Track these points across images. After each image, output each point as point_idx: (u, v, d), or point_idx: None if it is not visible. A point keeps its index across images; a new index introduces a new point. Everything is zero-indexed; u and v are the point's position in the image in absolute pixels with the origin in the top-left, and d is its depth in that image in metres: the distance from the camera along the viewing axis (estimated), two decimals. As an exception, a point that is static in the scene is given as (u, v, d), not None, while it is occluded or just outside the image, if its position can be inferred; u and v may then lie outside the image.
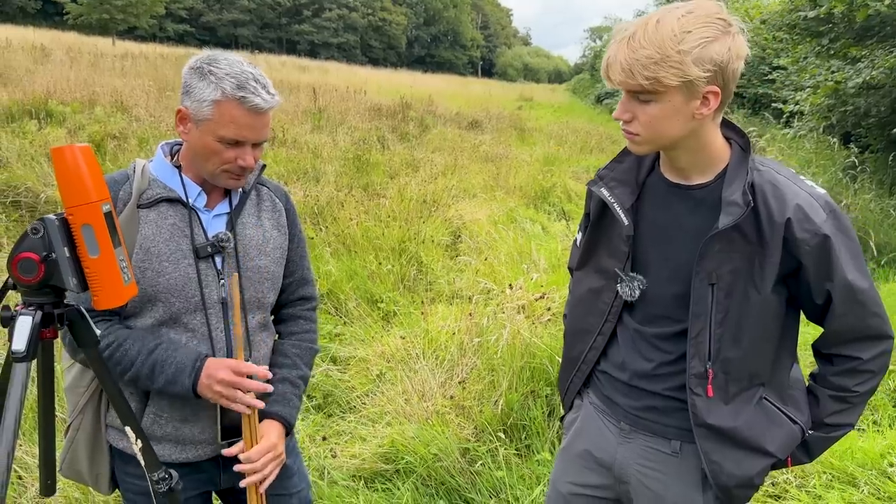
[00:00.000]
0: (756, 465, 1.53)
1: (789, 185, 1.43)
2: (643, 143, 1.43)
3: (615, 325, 1.65)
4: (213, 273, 1.64)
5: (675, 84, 1.30)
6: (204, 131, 1.54)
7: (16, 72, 14.36)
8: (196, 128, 1.55)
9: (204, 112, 1.52)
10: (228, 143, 1.54)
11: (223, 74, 1.50)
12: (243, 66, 1.54)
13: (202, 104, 1.52)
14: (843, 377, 1.52)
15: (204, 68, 1.52)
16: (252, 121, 1.53)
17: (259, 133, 1.56)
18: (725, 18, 1.33)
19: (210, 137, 1.54)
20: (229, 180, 1.62)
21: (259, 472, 1.63)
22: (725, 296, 1.45)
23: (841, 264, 1.41)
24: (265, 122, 1.57)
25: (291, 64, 33.70)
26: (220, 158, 1.56)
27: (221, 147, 1.54)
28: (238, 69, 1.52)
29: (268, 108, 1.54)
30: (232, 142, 1.54)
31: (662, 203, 1.54)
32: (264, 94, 1.52)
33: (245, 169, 1.59)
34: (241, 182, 1.64)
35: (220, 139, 1.53)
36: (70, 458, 1.70)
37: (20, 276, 1.19)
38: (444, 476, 3.09)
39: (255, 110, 1.52)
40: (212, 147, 1.55)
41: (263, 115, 1.55)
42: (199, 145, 1.56)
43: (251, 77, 1.52)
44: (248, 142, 1.56)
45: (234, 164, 1.57)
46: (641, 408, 1.62)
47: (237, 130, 1.53)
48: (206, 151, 1.56)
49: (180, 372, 1.54)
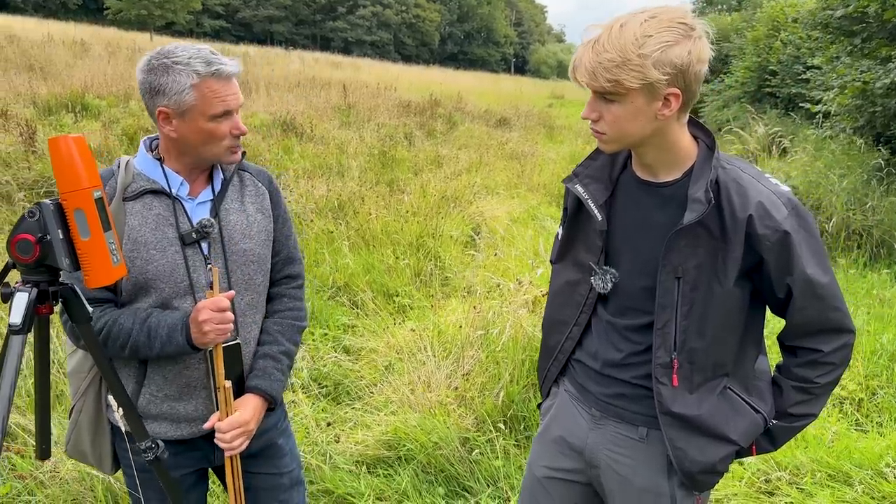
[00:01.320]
0: (719, 451, 1.59)
1: (753, 182, 1.47)
2: (610, 141, 1.49)
3: (590, 316, 1.71)
4: (199, 259, 1.72)
5: (636, 86, 1.36)
6: (193, 118, 1.61)
7: (55, 66, 14.79)
8: (183, 120, 1.62)
9: (186, 101, 1.59)
10: (220, 118, 1.63)
11: (187, 59, 1.58)
12: (196, 46, 1.64)
13: (182, 94, 1.59)
14: (806, 369, 1.57)
15: (165, 63, 1.59)
16: (230, 88, 1.63)
17: (238, 97, 1.66)
18: (688, 23, 1.38)
19: (202, 121, 1.61)
20: (233, 154, 1.71)
21: (227, 443, 1.70)
22: (691, 289, 1.50)
23: (801, 259, 1.45)
24: (237, 87, 1.67)
25: (325, 60, 34.04)
26: (218, 136, 1.65)
27: (215, 125, 1.63)
28: (194, 50, 1.61)
29: (234, 71, 1.64)
30: (222, 115, 1.63)
31: (633, 199, 1.60)
32: (226, 61, 1.62)
33: (242, 134, 1.69)
34: (239, 152, 1.74)
35: (211, 117, 1.62)
36: (74, 439, 1.81)
37: (18, 255, 1.30)
38: (444, 464, 3.17)
39: (227, 77, 1.62)
40: (207, 129, 1.62)
41: (233, 80, 1.65)
42: (194, 133, 1.64)
43: (208, 51, 1.62)
44: (234, 109, 1.65)
45: (230, 137, 1.66)
46: (611, 395, 1.68)
47: (223, 102, 1.61)
48: (204, 136, 1.64)
49: (173, 330, 1.62)
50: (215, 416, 1.72)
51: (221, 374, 1.68)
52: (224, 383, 1.68)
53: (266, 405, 1.81)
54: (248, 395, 1.78)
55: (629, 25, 1.35)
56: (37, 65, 14.32)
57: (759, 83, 16.92)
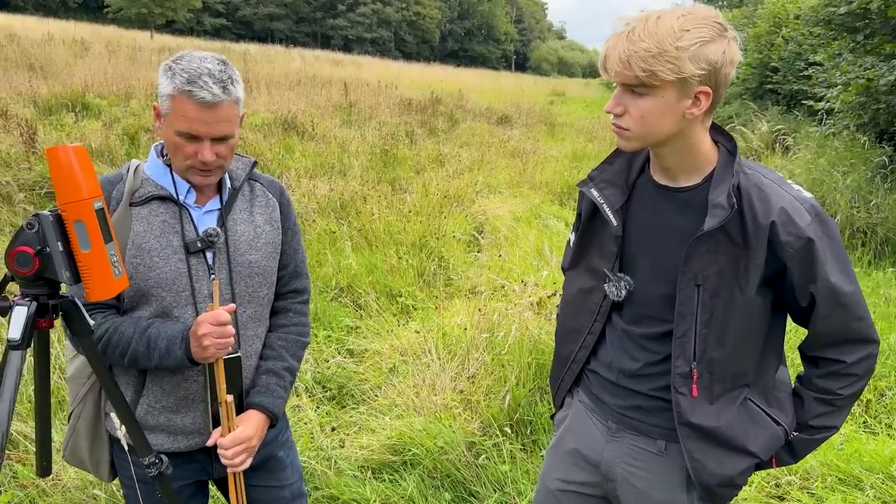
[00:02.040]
0: (738, 464, 1.54)
1: (775, 188, 1.43)
2: (632, 138, 1.44)
3: (604, 324, 1.67)
4: (203, 268, 1.68)
5: (670, 79, 1.32)
6: (167, 125, 1.58)
7: (56, 65, 14.73)
8: (164, 123, 1.60)
9: (165, 107, 1.57)
10: (185, 136, 1.56)
11: (179, 70, 1.53)
12: (204, 63, 1.55)
13: (163, 99, 1.57)
14: (828, 380, 1.53)
15: (170, 65, 1.57)
16: (203, 115, 1.53)
17: (212, 128, 1.55)
18: (722, 23, 1.35)
19: (171, 131, 1.57)
20: (195, 176, 1.64)
21: (229, 460, 1.67)
22: (711, 297, 1.46)
23: (825, 267, 1.41)
24: (219, 118, 1.55)
25: (325, 58, 33.95)
26: (182, 153, 1.59)
27: (181, 141, 1.57)
28: (196, 65, 1.53)
29: (215, 102, 1.52)
30: (186, 135, 1.56)
31: (650, 205, 1.56)
32: (215, 89, 1.52)
33: (206, 164, 1.59)
34: (209, 179, 1.65)
35: (177, 132, 1.56)
36: (72, 444, 1.77)
37: (16, 268, 1.25)
38: (450, 469, 3.13)
39: (203, 104, 1.52)
40: (173, 141, 1.58)
41: (214, 109, 1.54)
42: (166, 139, 1.62)
43: (206, 73, 1.53)
44: (201, 136, 1.56)
45: (195, 160, 1.59)
46: (628, 407, 1.64)
47: (188, 124, 1.54)
48: (171, 146, 1.61)
49: (172, 343, 1.58)
50: (217, 432, 1.68)
51: (223, 389, 1.64)
52: (226, 398, 1.64)
53: (268, 422, 1.77)
54: (251, 411, 1.74)
55: (666, 18, 1.32)
56: (37, 64, 14.25)
57: (761, 80, 16.88)
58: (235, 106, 1.60)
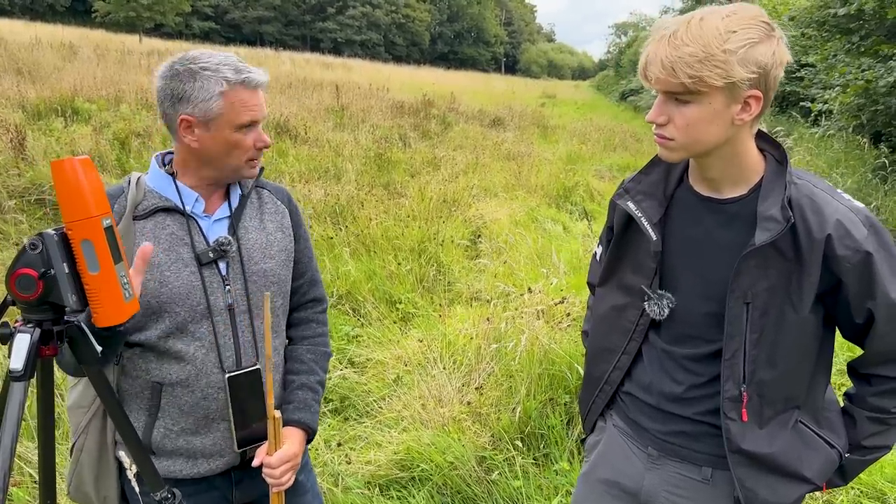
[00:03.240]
0: (793, 492, 1.46)
1: (828, 199, 1.34)
2: (677, 148, 1.35)
3: (640, 344, 1.58)
4: (217, 279, 1.60)
5: (719, 85, 1.24)
6: (219, 128, 1.51)
7: (44, 69, 14.52)
8: (207, 130, 1.51)
9: (213, 109, 1.49)
10: (245, 129, 1.53)
11: (216, 65, 1.49)
12: (220, 55, 1.54)
13: (209, 102, 1.49)
14: (882, 398, 1.45)
15: (192, 68, 1.49)
16: (257, 98, 1.54)
17: (263, 109, 1.57)
18: (769, 23, 1.26)
19: (228, 131, 1.52)
20: (251, 169, 1.62)
21: (276, 479, 1.61)
22: (761, 315, 1.37)
23: (884, 282, 1.33)
24: (263, 98, 1.58)
25: (315, 61, 33.79)
26: (241, 149, 1.55)
27: (241, 136, 1.53)
28: (222, 57, 1.52)
29: (262, 81, 1.55)
30: (248, 126, 1.54)
31: (693, 217, 1.47)
32: (255, 71, 1.54)
33: (267, 145, 1.60)
34: (258, 166, 1.64)
35: (238, 127, 1.52)
36: (76, 480, 1.66)
37: (18, 292, 1.15)
38: (460, 485, 3.03)
39: (256, 86, 1.53)
40: (232, 140, 1.53)
41: (260, 90, 1.56)
42: (218, 145, 1.53)
43: (236, 59, 1.53)
44: (259, 120, 1.56)
45: (253, 150, 1.57)
46: (670, 433, 1.54)
47: (251, 112, 1.53)
48: (228, 147, 1.54)
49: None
50: (263, 450, 1.62)
51: (272, 405, 1.58)
52: (274, 413, 1.59)
53: (306, 438, 1.73)
54: (291, 427, 1.70)
55: (710, 19, 1.23)
56: (25, 68, 14.04)
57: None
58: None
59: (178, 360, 1.57)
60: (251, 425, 1.65)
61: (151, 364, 1.58)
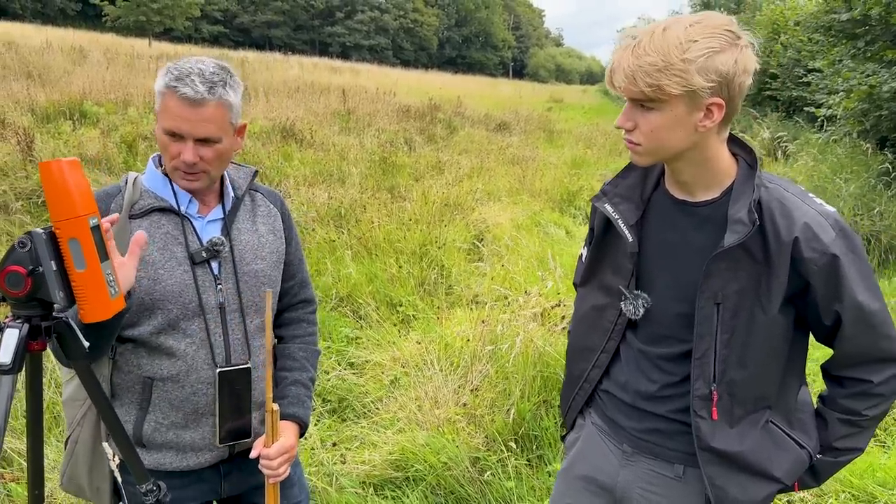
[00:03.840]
0: (761, 490, 1.49)
1: (798, 202, 1.38)
2: (645, 153, 1.39)
3: (619, 343, 1.61)
4: (210, 278, 1.65)
5: (678, 93, 1.27)
6: (158, 124, 1.58)
7: (54, 73, 14.67)
8: (157, 123, 1.59)
9: (157, 105, 1.57)
10: (170, 135, 1.55)
11: (173, 68, 1.54)
12: (198, 64, 1.54)
13: (157, 97, 1.57)
14: (853, 400, 1.47)
15: (168, 66, 1.57)
16: (186, 112, 1.51)
17: (194, 126, 1.53)
18: (734, 31, 1.29)
19: (159, 129, 1.57)
20: (181, 179, 1.62)
21: (273, 470, 1.66)
22: (731, 316, 1.40)
23: (850, 285, 1.35)
24: (203, 117, 1.53)
25: (323, 66, 33.92)
26: (168, 153, 1.58)
27: (167, 140, 1.56)
28: (189, 65, 1.53)
29: (197, 99, 1.50)
30: (171, 133, 1.55)
31: (667, 220, 1.50)
32: (199, 87, 1.50)
33: (190, 166, 1.56)
34: (194, 183, 1.62)
35: (163, 130, 1.56)
36: (70, 471, 1.71)
37: (7, 289, 1.19)
38: (454, 485, 3.06)
39: (186, 100, 1.50)
40: (161, 140, 1.58)
41: (198, 108, 1.51)
42: (157, 139, 1.60)
43: (196, 72, 1.52)
44: (185, 135, 1.54)
45: (179, 160, 1.57)
46: (644, 430, 1.58)
47: (172, 121, 1.53)
48: (161, 145, 1.59)
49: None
50: (260, 442, 1.67)
51: (270, 398, 1.64)
52: (273, 406, 1.64)
53: (300, 431, 1.79)
54: (286, 422, 1.74)
55: (672, 29, 1.26)
56: (35, 72, 14.20)
57: (760, 86, 16.87)
58: (223, 109, 1.56)
59: (169, 356, 1.62)
60: (235, 420, 1.70)
61: (143, 359, 1.63)
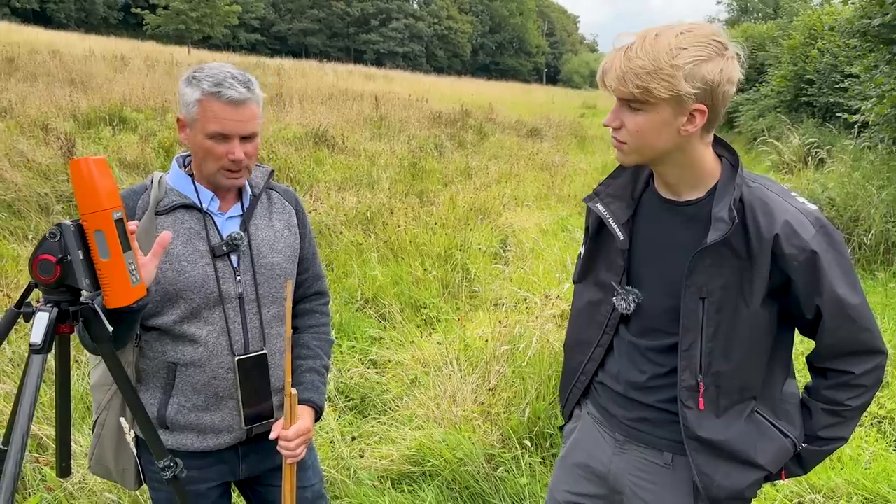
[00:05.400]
0: (746, 477, 1.54)
1: (779, 201, 1.43)
2: (630, 152, 1.46)
3: (612, 337, 1.68)
4: (229, 270, 1.76)
5: (664, 96, 1.34)
6: (196, 131, 1.67)
7: (96, 80, 15.15)
8: (191, 131, 1.68)
9: (192, 113, 1.65)
10: (216, 138, 1.65)
11: (203, 76, 1.64)
12: (225, 69, 1.66)
13: (189, 107, 1.65)
14: (836, 391, 1.52)
15: (191, 75, 1.66)
16: (232, 114, 1.63)
17: (241, 125, 1.65)
18: (722, 42, 1.36)
19: (201, 136, 1.66)
20: (227, 179, 1.72)
21: (292, 451, 1.76)
22: (716, 310, 1.46)
23: (830, 280, 1.41)
24: (247, 116, 1.66)
25: (358, 73, 34.33)
26: (213, 156, 1.67)
27: (212, 144, 1.65)
28: (218, 71, 1.65)
29: (242, 99, 1.63)
30: (218, 136, 1.64)
31: (656, 218, 1.57)
32: (240, 88, 1.63)
33: (237, 163, 1.68)
34: (239, 180, 1.74)
35: (208, 135, 1.65)
36: (97, 454, 1.83)
37: (39, 275, 1.31)
38: (469, 481, 3.14)
39: (231, 102, 1.62)
40: (205, 146, 1.67)
41: (241, 107, 1.64)
42: (196, 146, 1.69)
43: (229, 76, 1.64)
44: (232, 134, 1.65)
45: (227, 160, 1.67)
46: (635, 419, 1.64)
47: (220, 124, 1.63)
48: (202, 151, 1.68)
49: None
50: (279, 425, 1.76)
51: (289, 383, 1.73)
52: (291, 390, 1.73)
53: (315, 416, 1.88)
54: (302, 406, 1.84)
55: (664, 36, 1.33)
56: (78, 79, 14.68)
57: (796, 92, 16.65)
58: (257, 107, 1.70)
59: (191, 342, 1.74)
60: (257, 404, 1.81)
61: (167, 346, 1.75)
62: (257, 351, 1.79)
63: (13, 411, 1.31)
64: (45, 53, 18.02)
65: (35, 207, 6.48)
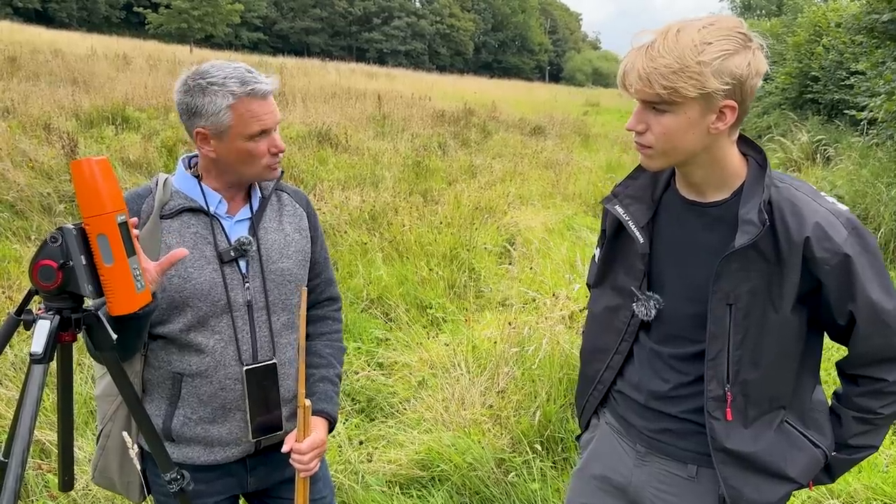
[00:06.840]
0: (777, 490, 1.48)
1: (809, 202, 1.37)
2: (656, 156, 1.39)
3: (632, 344, 1.62)
4: (238, 277, 1.69)
5: (693, 95, 1.27)
6: (232, 139, 1.59)
7: (98, 79, 15.11)
8: (221, 141, 1.60)
9: (223, 122, 1.57)
10: (258, 137, 1.60)
11: (222, 79, 1.55)
12: (233, 65, 1.60)
13: (218, 115, 1.56)
14: (868, 398, 1.46)
15: (201, 84, 1.56)
16: (266, 107, 1.60)
17: (275, 115, 1.63)
18: (746, 33, 1.29)
19: (241, 141, 1.59)
20: (273, 171, 1.69)
21: (305, 464, 1.70)
22: (744, 316, 1.40)
23: (864, 284, 1.35)
24: (274, 104, 1.64)
25: (360, 71, 34.25)
26: (257, 156, 1.62)
27: (254, 145, 1.60)
28: (230, 69, 1.58)
29: (270, 90, 1.60)
30: (259, 133, 1.60)
31: (678, 221, 1.51)
32: (263, 78, 1.60)
33: (282, 149, 1.66)
34: (280, 168, 1.72)
35: (250, 137, 1.59)
36: (101, 465, 1.76)
37: (40, 282, 1.26)
38: (479, 486, 3.08)
39: (264, 96, 1.59)
40: (246, 149, 1.60)
41: (270, 97, 1.62)
42: (232, 154, 1.61)
43: (245, 70, 1.58)
44: (271, 127, 1.62)
45: (269, 156, 1.64)
46: (657, 430, 1.58)
47: (260, 121, 1.59)
48: (243, 156, 1.61)
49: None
50: (292, 437, 1.70)
51: (303, 394, 1.68)
52: (305, 402, 1.67)
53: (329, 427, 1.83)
54: (316, 417, 1.77)
55: (686, 31, 1.26)
56: (80, 78, 14.63)
57: (801, 89, 16.56)
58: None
59: (198, 352, 1.67)
60: (266, 415, 1.74)
61: (173, 355, 1.68)
62: (267, 360, 1.72)
63: (14, 423, 1.26)
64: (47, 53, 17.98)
65: (37, 207, 6.43)
